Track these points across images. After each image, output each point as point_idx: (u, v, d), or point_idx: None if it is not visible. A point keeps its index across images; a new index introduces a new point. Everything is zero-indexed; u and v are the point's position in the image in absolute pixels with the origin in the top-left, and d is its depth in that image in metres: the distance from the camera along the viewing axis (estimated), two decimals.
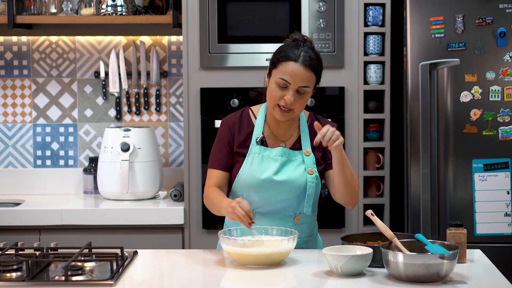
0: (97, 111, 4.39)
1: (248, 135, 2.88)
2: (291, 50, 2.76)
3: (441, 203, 3.74)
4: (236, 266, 2.62)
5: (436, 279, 2.39)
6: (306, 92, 2.77)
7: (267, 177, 2.81)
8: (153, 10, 4.29)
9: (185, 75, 3.90)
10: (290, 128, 2.90)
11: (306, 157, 2.86)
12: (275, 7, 3.87)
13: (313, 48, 2.79)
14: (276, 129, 2.89)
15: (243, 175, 2.83)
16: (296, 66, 2.74)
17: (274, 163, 2.83)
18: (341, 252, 2.54)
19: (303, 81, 2.75)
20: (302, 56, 2.74)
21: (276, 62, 2.78)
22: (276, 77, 2.76)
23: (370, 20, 3.91)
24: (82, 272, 2.48)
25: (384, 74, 3.93)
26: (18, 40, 4.37)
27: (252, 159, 2.84)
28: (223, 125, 2.91)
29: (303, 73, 2.74)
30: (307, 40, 2.81)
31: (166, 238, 3.88)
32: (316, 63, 2.77)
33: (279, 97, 2.76)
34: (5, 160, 4.40)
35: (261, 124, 2.88)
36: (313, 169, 2.84)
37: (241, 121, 2.90)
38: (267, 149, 2.85)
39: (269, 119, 2.89)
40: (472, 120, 3.72)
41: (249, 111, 2.93)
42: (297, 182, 2.83)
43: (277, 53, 2.80)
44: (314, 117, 2.96)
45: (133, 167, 4.02)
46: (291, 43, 2.80)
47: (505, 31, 3.68)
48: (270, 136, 2.89)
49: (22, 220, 3.84)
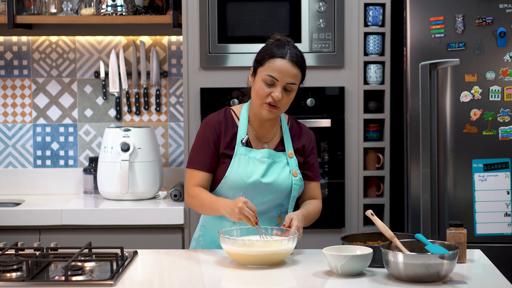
0: (97, 111, 4.39)
1: (233, 136, 2.87)
2: (277, 48, 2.79)
3: (441, 203, 3.74)
4: (236, 266, 2.62)
5: (436, 279, 2.39)
6: (293, 89, 2.79)
7: (255, 180, 2.82)
8: (153, 10, 4.29)
9: (185, 75, 3.90)
10: (272, 129, 2.91)
11: (290, 159, 2.89)
12: (275, 7, 3.87)
13: (296, 47, 2.83)
14: (259, 130, 2.90)
15: (230, 177, 2.83)
16: (283, 63, 2.76)
17: (260, 165, 2.84)
18: (341, 252, 2.54)
19: (290, 78, 2.77)
20: (289, 53, 2.77)
21: (262, 60, 2.79)
22: (263, 74, 2.77)
23: (370, 20, 3.91)
24: (82, 272, 2.48)
25: (384, 74, 3.93)
26: (18, 40, 4.37)
27: (238, 161, 2.84)
28: (207, 125, 2.88)
29: (291, 69, 2.76)
30: (289, 40, 2.84)
31: (166, 238, 3.88)
32: (302, 60, 2.81)
33: (267, 94, 2.77)
34: (5, 160, 4.40)
35: (245, 125, 2.88)
36: (297, 171, 2.87)
37: (226, 121, 2.89)
38: (252, 150, 2.86)
39: (252, 119, 2.89)
40: (472, 120, 3.72)
41: (231, 111, 2.92)
42: (283, 184, 2.85)
43: (263, 52, 2.82)
44: (294, 120, 2.99)
45: (133, 167, 4.02)
46: (275, 42, 2.83)
47: (505, 31, 3.68)
48: (254, 138, 2.89)
49: (22, 220, 3.84)
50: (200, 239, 2.97)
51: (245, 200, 2.67)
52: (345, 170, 3.90)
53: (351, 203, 3.91)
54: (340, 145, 3.90)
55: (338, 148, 3.90)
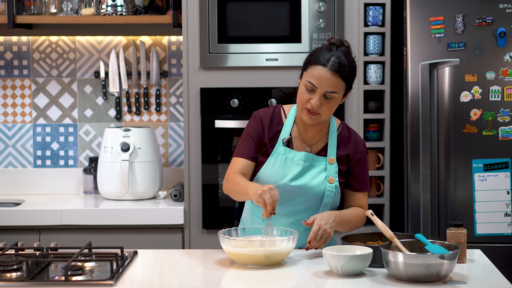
0: (97, 111, 4.39)
1: (276, 133, 2.85)
2: (322, 54, 2.72)
3: (441, 203, 3.74)
4: (236, 266, 2.62)
5: (436, 279, 2.39)
6: (334, 97, 2.73)
7: (283, 183, 2.79)
8: (153, 10, 4.29)
9: (185, 75, 3.90)
10: (319, 134, 2.86)
11: (330, 165, 2.83)
12: (275, 7, 3.87)
13: (347, 54, 2.74)
14: (304, 132, 2.86)
15: (263, 174, 2.82)
16: (323, 71, 2.70)
17: (296, 167, 2.81)
18: (341, 252, 2.54)
19: (329, 87, 2.71)
20: (332, 61, 2.70)
21: (306, 64, 2.75)
22: (305, 79, 2.74)
23: (370, 20, 3.91)
24: (82, 272, 2.48)
25: (384, 74, 3.93)
26: (18, 40, 4.37)
27: (275, 160, 2.82)
28: (254, 117, 2.88)
29: (330, 78, 2.70)
30: (343, 45, 2.76)
31: (166, 238, 3.88)
32: (346, 69, 2.72)
33: (306, 100, 2.73)
34: (5, 160, 4.40)
35: (290, 125, 2.86)
36: (334, 178, 2.82)
37: (273, 117, 2.87)
38: (291, 152, 2.83)
39: (298, 120, 2.86)
40: (472, 120, 3.72)
41: (281, 109, 2.90)
42: (316, 189, 2.81)
43: (309, 56, 2.77)
44: (346, 127, 2.92)
45: (133, 167, 4.02)
46: (325, 46, 2.76)
47: (505, 31, 3.68)
48: (298, 138, 2.86)
49: (22, 220, 3.84)
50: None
51: (272, 186, 2.62)
52: None
53: None
54: None
55: None
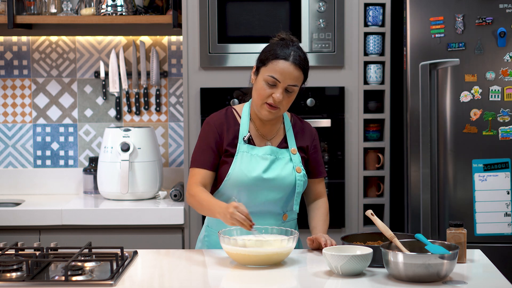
0: (97, 111, 4.39)
1: (235, 134, 2.87)
2: (281, 49, 2.78)
3: (441, 203, 3.74)
4: (236, 266, 2.62)
5: (436, 279, 2.39)
6: (294, 91, 2.80)
7: (257, 175, 2.82)
8: (153, 10, 4.29)
9: (185, 75, 3.90)
10: (275, 127, 2.92)
11: (293, 155, 2.89)
12: (275, 7, 3.87)
13: (301, 48, 2.82)
14: (262, 128, 2.90)
15: (233, 174, 2.83)
16: (286, 65, 2.76)
17: (263, 162, 2.84)
18: (341, 252, 2.54)
19: (292, 80, 2.77)
20: (293, 55, 2.77)
21: (265, 60, 2.79)
22: (265, 74, 2.77)
23: (370, 20, 3.91)
24: (82, 272, 2.48)
25: (384, 74, 3.93)
26: (18, 40, 4.37)
27: (241, 158, 2.84)
28: (208, 125, 2.89)
29: (293, 71, 2.76)
30: (294, 40, 2.84)
31: (166, 238, 3.88)
32: (305, 62, 2.80)
33: (268, 95, 2.78)
34: (5, 160, 4.40)
35: (246, 123, 2.89)
36: (300, 167, 2.88)
37: (228, 119, 2.89)
38: (255, 148, 2.86)
39: (254, 118, 2.90)
40: (472, 120, 3.72)
41: (233, 110, 2.93)
42: (287, 180, 2.85)
43: (266, 51, 2.81)
44: (297, 118, 3.00)
45: (133, 167, 4.02)
46: (279, 42, 2.82)
47: (505, 31, 3.68)
48: (256, 135, 2.90)
49: (22, 220, 3.84)
50: (205, 240, 2.97)
51: (236, 204, 2.64)
52: (345, 170, 3.90)
53: (351, 203, 3.91)
54: (340, 145, 3.90)
55: (338, 148, 3.90)
